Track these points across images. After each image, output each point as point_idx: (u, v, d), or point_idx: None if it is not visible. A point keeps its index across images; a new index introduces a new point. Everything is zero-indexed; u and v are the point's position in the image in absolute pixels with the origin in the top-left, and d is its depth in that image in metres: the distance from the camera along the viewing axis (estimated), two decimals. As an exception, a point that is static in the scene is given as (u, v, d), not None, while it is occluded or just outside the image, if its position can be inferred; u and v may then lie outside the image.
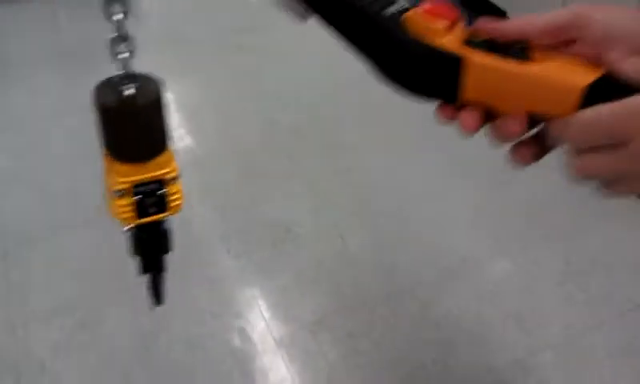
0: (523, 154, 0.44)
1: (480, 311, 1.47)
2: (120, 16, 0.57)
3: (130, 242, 0.70)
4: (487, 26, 0.43)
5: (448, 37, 0.43)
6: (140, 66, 0.59)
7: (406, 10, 0.44)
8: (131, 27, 0.57)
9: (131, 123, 0.60)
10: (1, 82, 2.31)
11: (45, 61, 2.45)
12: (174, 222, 0.71)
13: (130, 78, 0.59)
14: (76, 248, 1.61)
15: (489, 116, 0.44)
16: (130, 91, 0.58)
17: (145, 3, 2.88)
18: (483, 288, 1.52)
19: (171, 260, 1.42)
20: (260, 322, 1.45)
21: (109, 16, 0.56)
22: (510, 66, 0.41)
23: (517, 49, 0.42)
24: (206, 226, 1.70)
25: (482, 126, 0.44)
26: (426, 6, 0.44)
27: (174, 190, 0.65)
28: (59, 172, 1.85)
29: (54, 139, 2.01)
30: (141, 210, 0.64)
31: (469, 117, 0.44)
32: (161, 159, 0.63)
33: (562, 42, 0.42)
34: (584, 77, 0.39)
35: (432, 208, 1.76)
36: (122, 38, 0.58)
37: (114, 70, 0.59)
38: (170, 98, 2.22)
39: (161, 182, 0.63)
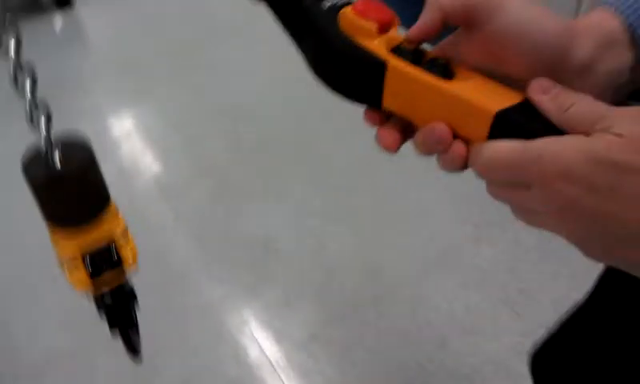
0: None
1: (469, 301, 1.47)
2: (28, 84, 0.54)
3: (94, 302, 0.68)
4: (410, 33, 0.42)
5: (377, 40, 0.42)
6: (95, 94, 0.57)
7: (346, 4, 0.44)
8: (81, 57, 0.54)
9: (66, 191, 0.57)
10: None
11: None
12: (153, 256, 0.68)
13: (53, 144, 0.55)
14: (57, 300, 1.57)
15: (410, 131, 0.43)
16: (56, 160, 0.55)
17: (91, 30, 2.81)
18: (469, 276, 1.53)
19: (155, 296, 1.40)
20: (254, 346, 1.43)
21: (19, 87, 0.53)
22: (428, 79, 0.40)
23: (441, 64, 0.40)
24: (184, 256, 1.67)
25: (402, 142, 0.43)
26: (361, 4, 0.43)
27: (125, 246, 0.62)
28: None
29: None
30: (96, 272, 0.61)
31: (387, 134, 0.42)
32: (105, 216, 0.60)
33: (470, 25, 0.40)
34: (499, 102, 0.37)
35: (409, 201, 1.76)
36: (35, 103, 0.54)
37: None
38: (130, 125, 2.18)
39: (110, 242, 0.60)
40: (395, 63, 0.40)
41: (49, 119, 0.55)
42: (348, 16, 0.42)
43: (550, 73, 0.37)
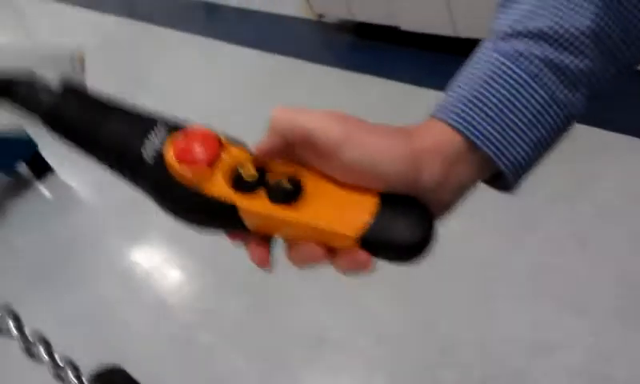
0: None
1: (529, 318, 1.45)
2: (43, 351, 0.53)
3: None
4: (256, 150, 0.41)
5: (214, 178, 0.40)
6: (107, 241, 0.56)
7: (164, 139, 0.41)
8: (79, 213, 0.54)
9: None
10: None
11: None
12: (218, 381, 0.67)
13: None
14: None
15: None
16: None
17: (77, 188, 2.85)
18: (521, 290, 1.51)
19: None
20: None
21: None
22: (278, 212, 0.39)
23: (286, 190, 0.39)
24: (240, 375, 1.65)
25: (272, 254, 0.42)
26: (181, 148, 0.40)
27: None
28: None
29: None
30: None
31: (257, 251, 0.42)
32: None
33: (316, 155, 0.39)
34: (356, 221, 0.37)
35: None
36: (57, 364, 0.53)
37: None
38: (151, 259, 2.17)
39: None
40: (242, 203, 0.39)
41: (78, 376, 0.54)
42: (177, 168, 0.40)
43: (405, 191, 0.38)
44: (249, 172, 0.40)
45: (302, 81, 2.79)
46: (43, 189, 2.94)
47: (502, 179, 0.41)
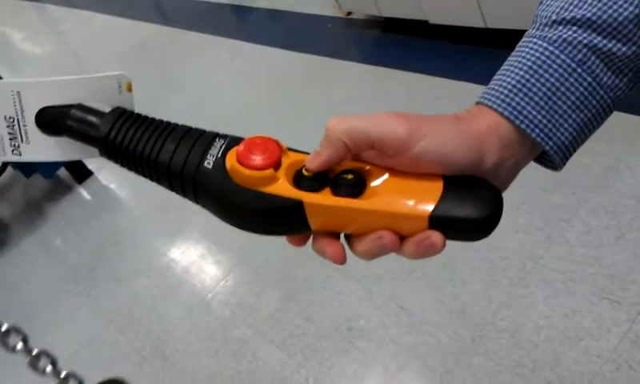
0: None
1: (564, 308, 1.44)
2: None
3: None
4: (310, 164, 0.41)
5: (280, 179, 0.41)
6: (146, 241, 0.59)
7: (225, 151, 0.42)
8: (119, 214, 0.57)
9: None
10: None
11: None
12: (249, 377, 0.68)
13: None
14: None
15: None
16: None
17: (116, 190, 2.93)
18: (554, 284, 1.50)
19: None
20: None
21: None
22: (347, 202, 0.39)
23: (350, 183, 0.40)
24: (275, 366, 1.68)
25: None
26: (244, 153, 0.41)
27: None
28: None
29: None
30: None
31: (332, 248, 0.41)
32: None
33: (379, 154, 0.40)
34: (425, 203, 0.38)
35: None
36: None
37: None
38: (186, 257, 2.23)
39: None
40: (309, 199, 0.40)
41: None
42: (241, 172, 0.41)
43: (469, 173, 0.40)
44: (308, 172, 0.41)
45: (332, 78, 2.81)
46: (83, 191, 3.03)
47: (551, 160, 0.42)
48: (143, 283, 2.24)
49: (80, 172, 3.06)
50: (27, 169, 3.02)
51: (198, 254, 2.25)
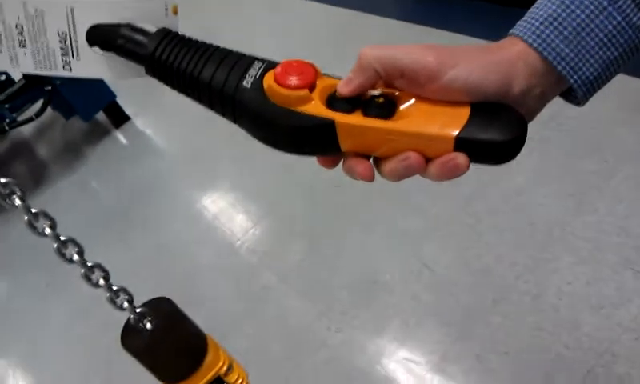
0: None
1: (588, 275, 1.44)
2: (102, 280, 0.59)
3: None
4: (342, 88, 0.43)
5: (314, 100, 0.43)
6: (179, 187, 0.61)
7: (263, 73, 0.44)
8: (154, 160, 0.59)
9: (165, 351, 0.61)
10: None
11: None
12: (272, 320, 0.70)
13: (142, 314, 0.61)
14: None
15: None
16: (149, 325, 0.60)
17: (153, 136, 2.99)
18: (581, 251, 1.50)
19: (286, 362, 1.46)
20: (388, 382, 1.46)
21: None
22: (377, 123, 0.41)
23: (381, 104, 0.42)
24: (298, 313, 1.73)
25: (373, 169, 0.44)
26: (281, 74, 0.43)
27: (234, 378, 0.67)
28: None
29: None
30: None
31: (360, 166, 0.43)
32: (207, 360, 0.64)
33: (409, 84, 0.42)
34: (452, 126, 0.40)
35: (497, 193, 1.74)
36: (114, 291, 0.59)
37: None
38: (217, 206, 2.28)
39: (219, 379, 0.65)
40: (341, 119, 0.42)
41: (130, 301, 0.60)
42: (277, 91, 0.43)
43: (496, 100, 0.41)
44: (341, 96, 0.43)
45: (368, 35, 2.79)
46: (120, 136, 3.10)
47: (574, 94, 0.44)
48: (176, 228, 2.30)
49: (118, 116, 3.12)
50: (67, 110, 3.09)
51: (229, 203, 2.29)
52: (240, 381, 0.67)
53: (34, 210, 0.53)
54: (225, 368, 0.66)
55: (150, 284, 2.08)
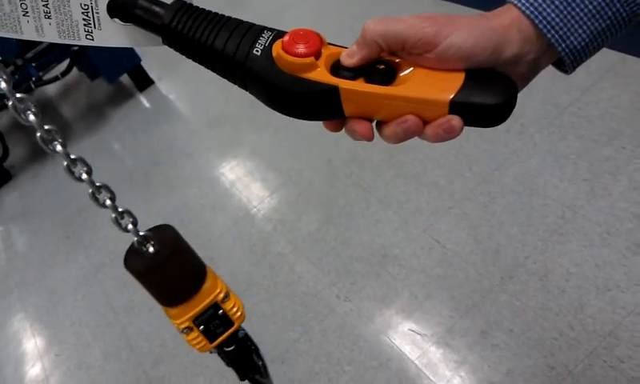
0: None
1: (597, 259, 1.46)
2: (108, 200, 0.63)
3: (220, 357, 0.77)
4: (346, 60, 0.46)
5: (319, 67, 0.46)
6: (199, 153, 0.65)
7: (271, 42, 0.47)
8: (176, 124, 0.63)
9: (165, 274, 0.65)
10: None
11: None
12: (283, 286, 0.74)
13: (146, 237, 0.65)
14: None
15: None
16: (152, 249, 0.65)
17: (176, 101, 3.02)
18: (591, 234, 1.51)
19: (295, 326, 1.49)
20: (394, 352, 1.50)
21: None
22: (378, 90, 0.44)
23: (382, 71, 0.45)
24: (309, 281, 1.77)
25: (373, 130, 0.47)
26: (289, 42, 0.46)
27: (230, 306, 0.71)
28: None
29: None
30: (210, 334, 0.70)
31: (360, 126, 0.46)
32: (205, 286, 0.69)
33: (408, 52, 0.45)
34: (447, 90, 0.43)
35: (512, 173, 1.76)
36: (119, 211, 0.64)
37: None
38: (234, 172, 2.32)
39: (215, 305, 0.69)
40: (345, 85, 0.45)
41: (135, 224, 0.64)
42: (285, 58, 0.46)
43: (488, 65, 0.44)
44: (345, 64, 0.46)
45: (399, 5, 2.77)
46: (143, 99, 3.15)
47: (563, 61, 0.46)
48: (193, 192, 2.35)
49: (142, 80, 3.17)
50: (92, 71, 3.14)
51: (247, 171, 2.33)
52: (235, 309, 0.71)
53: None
54: (222, 295, 0.70)
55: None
